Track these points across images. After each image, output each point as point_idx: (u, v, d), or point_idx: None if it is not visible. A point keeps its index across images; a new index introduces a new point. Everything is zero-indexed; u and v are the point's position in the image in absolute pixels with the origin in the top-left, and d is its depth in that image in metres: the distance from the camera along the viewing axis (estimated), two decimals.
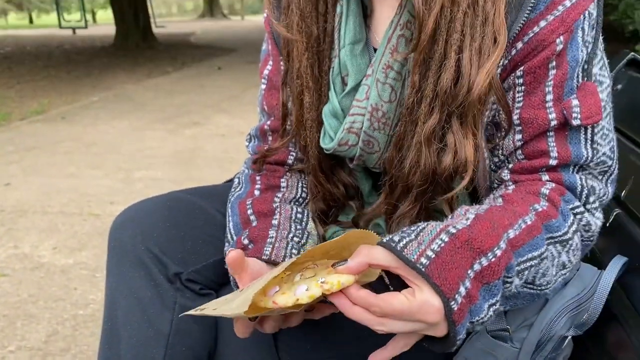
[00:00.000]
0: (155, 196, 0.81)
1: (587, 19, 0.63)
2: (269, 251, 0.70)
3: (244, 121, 4.68)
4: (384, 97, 0.69)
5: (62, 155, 3.76)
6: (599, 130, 0.65)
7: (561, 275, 0.64)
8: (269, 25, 0.81)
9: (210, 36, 15.27)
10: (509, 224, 0.59)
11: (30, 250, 2.33)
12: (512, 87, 0.66)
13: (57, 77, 7.61)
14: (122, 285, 0.72)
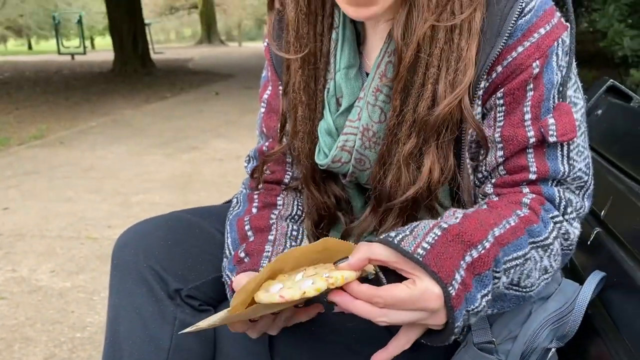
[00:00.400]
0: (157, 216, 0.84)
1: (560, 46, 0.69)
2: (265, 264, 0.73)
3: (242, 145, 4.73)
4: (374, 118, 0.74)
5: (60, 180, 3.79)
6: (575, 148, 0.70)
7: (544, 280, 0.68)
8: (269, 53, 0.86)
9: (208, 62, 15.45)
10: (494, 222, 0.63)
11: (28, 273, 2.35)
12: (494, 107, 0.71)
13: (56, 103, 7.68)
14: (125, 301, 0.75)
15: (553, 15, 0.69)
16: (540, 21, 0.68)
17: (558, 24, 0.69)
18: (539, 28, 0.67)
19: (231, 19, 36.90)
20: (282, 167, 0.88)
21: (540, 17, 0.68)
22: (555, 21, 0.69)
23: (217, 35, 29.22)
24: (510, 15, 0.67)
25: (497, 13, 0.68)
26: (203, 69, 13.17)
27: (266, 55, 0.88)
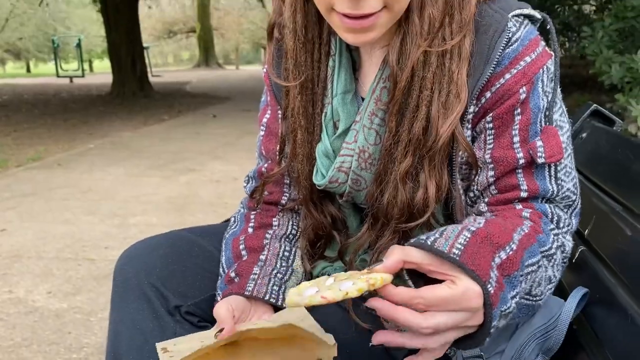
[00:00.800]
0: (158, 234, 0.87)
1: (545, 73, 0.73)
2: (251, 287, 0.77)
3: (239, 167, 4.76)
4: (369, 140, 0.78)
5: (58, 202, 3.81)
6: (562, 168, 0.74)
7: (548, 290, 0.71)
8: (268, 79, 0.90)
9: (206, 85, 15.59)
10: (512, 228, 0.66)
11: (25, 294, 2.35)
12: (484, 131, 0.75)
13: (54, 125, 7.73)
14: (126, 317, 0.78)
15: (538, 44, 0.73)
16: (526, 50, 0.72)
17: (543, 53, 0.73)
18: (525, 56, 0.71)
19: (229, 42, 37.30)
20: (279, 188, 0.92)
21: (526, 46, 0.72)
22: (540, 50, 0.73)
23: (215, 58, 29.52)
24: (498, 44, 0.71)
25: (485, 41, 0.72)
26: (201, 91, 13.28)
27: (265, 80, 0.91)
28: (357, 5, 0.66)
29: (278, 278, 0.80)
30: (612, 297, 0.71)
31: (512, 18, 0.72)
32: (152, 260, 0.81)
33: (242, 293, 0.76)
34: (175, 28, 32.66)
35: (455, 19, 0.71)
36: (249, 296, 0.77)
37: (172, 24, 32.58)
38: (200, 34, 28.05)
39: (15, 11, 31.87)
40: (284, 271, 0.82)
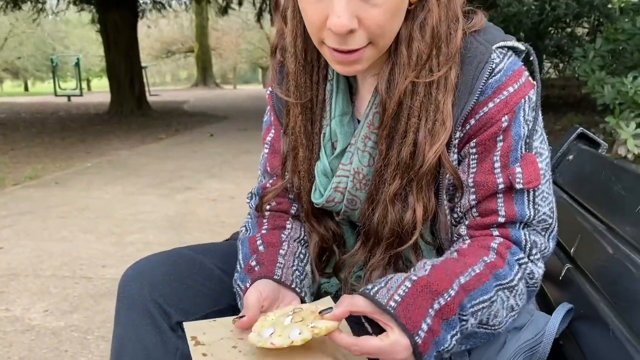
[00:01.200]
0: (161, 252, 0.90)
1: (527, 102, 0.77)
2: (279, 273, 0.82)
3: (236, 186, 4.79)
4: (363, 162, 0.82)
5: (55, 220, 3.82)
6: (540, 194, 0.77)
7: (511, 317, 0.75)
8: (272, 100, 0.95)
9: (203, 104, 15.69)
10: (460, 272, 0.71)
11: (22, 313, 2.36)
12: (467, 155, 0.78)
13: (52, 144, 7.76)
14: (130, 332, 0.80)
15: (521, 75, 0.77)
16: (509, 80, 0.76)
17: (525, 83, 0.77)
18: (508, 86, 0.76)
19: (226, 62, 37.60)
20: (286, 200, 0.95)
21: (510, 76, 0.76)
22: (523, 80, 0.77)
23: (213, 78, 29.72)
24: (482, 74, 0.75)
25: (470, 72, 0.76)
26: (198, 110, 13.36)
27: (269, 101, 0.96)
28: (344, 41, 0.71)
29: (297, 275, 0.85)
30: (596, 312, 0.74)
31: (496, 50, 0.77)
32: (155, 278, 0.84)
33: (272, 277, 0.81)
34: (174, 48, 32.93)
35: (442, 51, 0.75)
36: (278, 280, 0.81)
37: (171, 44, 32.85)
38: (198, 53, 28.29)
39: (15, 30, 32.13)
40: (301, 270, 0.86)
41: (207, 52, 28.61)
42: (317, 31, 0.73)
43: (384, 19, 0.71)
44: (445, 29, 0.76)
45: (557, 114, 8.72)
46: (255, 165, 1.02)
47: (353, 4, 0.69)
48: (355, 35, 0.71)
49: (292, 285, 0.83)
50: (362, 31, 0.71)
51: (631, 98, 4.60)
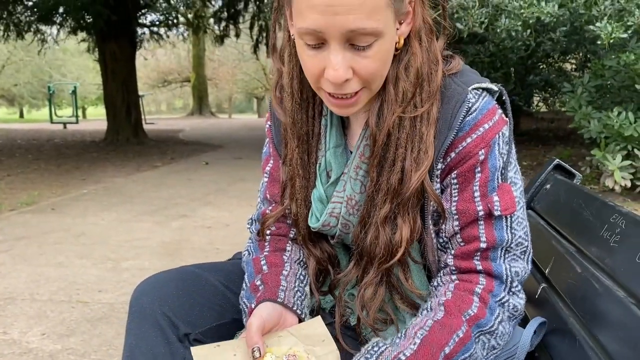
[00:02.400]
0: (170, 269, 0.98)
1: (501, 137, 0.85)
2: (282, 296, 0.89)
3: (230, 214, 4.85)
4: (355, 189, 0.91)
5: (51, 245, 3.85)
6: (515, 219, 0.85)
7: (493, 355, 0.84)
8: (270, 133, 1.04)
9: (199, 133, 15.82)
10: (445, 342, 0.79)
11: (19, 336, 2.39)
12: (449, 185, 0.87)
13: (47, 170, 7.81)
14: (141, 342, 0.87)
15: (495, 113, 0.86)
16: (484, 118, 0.85)
17: (499, 120, 0.86)
18: (483, 123, 0.84)
19: (222, 92, 37.98)
20: (285, 224, 1.03)
21: (485, 114, 0.85)
22: (496, 118, 0.86)
23: (208, 107, 29.97)
24: (459, 112, 0.84)
25: (449, 110, 0.85)
26: (194, 139, 13.47)
27: (268, 134, 1.05)
28: (340, 88, 0.80)
29: (298, 296, 0.92)
30: (566, 326, 0.82)
31: (471, 90, 0.86)
32: (165, 293, 0.91)
33: (275, 300, 0.88)
34: (170, 77, 33.28)
35: (425, 89, 0.85)
36: (281, 303, 0.88)
37: (167, 74, 33.21)
38: (195, 83, 28.60)
39: (12, 58, 32.42)
40: (301, 291, 0.94)
41: (203, 82, 28.92)
42: (315, 80, 0.82)
43: (375, 67, 0.80)
44: (427, 70, 0.85)
45: (547, 146, 8.89)
46: (249, 193, 1.10)
47: (347, 57, 0.77)
48: (350, 83, 0.80)
49: (294, 307, 0.90)
50: (356, 78, 0.80)
51: (617, 131, 4.74)
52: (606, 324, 0.73)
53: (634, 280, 0.72)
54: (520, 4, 3.63)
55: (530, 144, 9.32)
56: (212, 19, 13.98)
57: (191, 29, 14.81)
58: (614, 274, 0.77)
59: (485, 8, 3.75)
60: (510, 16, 3.70)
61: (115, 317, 2.58)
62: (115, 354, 2.21)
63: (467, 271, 0.86)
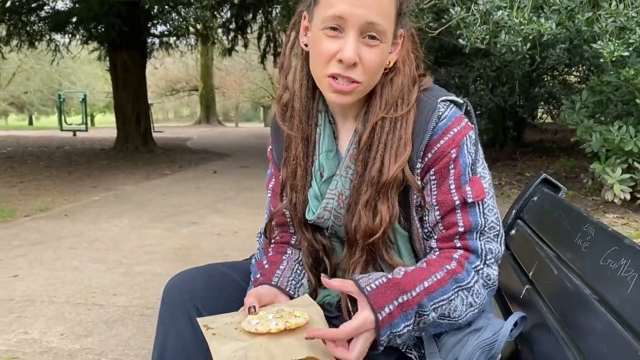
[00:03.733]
0: (198, 267, 1.12)
1: (468, 139, 1.02)
2: (276, 280, 1.06)
3: (238, 221, 4.98)
4: (345, 186, 1.07)
5: (66, 250, 3.99)
6: (486, 207, 1.01)
7: (470, 312, 0.97)
8: (272, 155, 1.20)
9: (206, 141, 16.01)
10: (424, 278, 0.95)
11: (39, 335, 2.51)
12: (429, 182, 1.02)
13: (59, 177, 7.98)
14: (172, 328, 1.00)
15: (462, 120, 1.03)
16: (453, 124, 1.01)
17: (465, 126, 1.02)
18: (452, 128, 1.01)
19: (229, 101, 38.29)
20: (287, 233, 1.19)
21: (453, 121, 1.02)
22: (463, 124, 1.02)
23: (216, 115, 30.24)
24: (431, 119, 1.01)
25: (423, 118, 1.02)
26: (201, 147, 13.66)
27: (269, 156, 1.22)
28: (346, 70, 0.97)
29: (292, 283, 1.08)
30: (544, 322, 0.93)
31: (440, 102, 1.03)
32: (194, 286, 1.05)
33: (269, 282, 1.05)
34: (179, 86, 33.60)
35: (405, 100, 1.03)
36: (275, 285, 1.05)
37: (176, 82, 33.54)
38: (202, 92, 28.88)
39: (23, 66, 32.84)
40: (296, 280, 1.10)
41: (211, 91, 29.21)
42: (326, 62, 0.99)
43: (375, 63, 0.98)
44: (407, 85, 1.04)
45: (550, 158, 8.98)
46: (256, 201, 1.23)
47: (358, 45, 0.96)
48: (354, 70, 0.97)
49: (286, 289, 1.07)
50: (359, 68, 0.97)
51: (617, 145, 4.84)
52: (575, 318, 0.85)
53: (597, 280, 0.83)
54: (520, 21, 3.75)
55: (534, 155, 9.41)
56: (221, 29, 14.19)
57: (200, 38, 15.02)
58: (582, 275, 0.89)
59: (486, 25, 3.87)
60: (510, 32, 3.83)
61: (130, 319, 2.70)
62: (130, 353, 2.33)
63: (448, 249, 1.01)
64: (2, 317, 2.71)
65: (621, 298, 0.73)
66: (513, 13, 3.92)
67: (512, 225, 1.33)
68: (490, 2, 4.01)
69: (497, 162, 8.49)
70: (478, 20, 3.96)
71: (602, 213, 4.94)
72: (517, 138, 10.14)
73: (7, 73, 33.82)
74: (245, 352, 0.86)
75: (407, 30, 1.06)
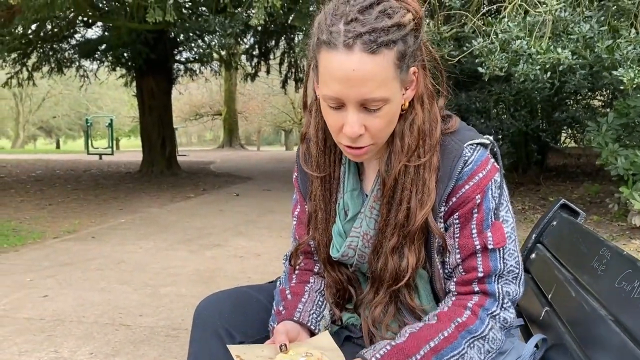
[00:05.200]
0: (227, 289, 1.18)
1: (493, 184, 1.03)
2: (298, 315, 1.08)
3: (261, 244, 5.04)
4: (370, 226, 1.09)
5: (93, 271, 4.09)
6: (507, 251, 1.02)
7: (490, 357, 0.99)
8: (297, 183, 1.23)
9: (229, 165, 16.22)
10: (430, 338, 0.97)
11: (69, 354, 2.58)
12: (452, 225, 1.04)
13: (86, 200, 8.17)
14: (204, 348, 1.06)
15: (488, 163, 1.03)
16: (478, 168, 1.02)
17: (491, 169, 1.03)
18: (478, 173, 1.02)
19: (252, 125, 38.79)
20: (311, 261, 1.22)
21: (479, 165, 1.02)
22: (489, 167, 1.03)
23: (238, 139, 30.63)
24: (457, 165, 1.02)
25: (448, 163, 1.03)
26: (224, 171, 13.84)
27: (295, 184, 1.25)
28: (354, 142, 0.99)
29: (314, 317, 1.11)
30: (562, 342, 0.96)
31: (467, 146, 1.03)
32: (223, 308, 1.11)
33: (291, 317, 1.08)
34: (202, 111, 34.19)
35: (427, 143, 1.03)
36: (297, 321, 1.07)
37: (199, 107, 34.14)
38: (226, 116, 29.34)
39: (52, 91, 33.87)
40: (317, 313, 1.12)
41: (234, 115, 29.65)
42: (335, 134, 1.01)
43: (383, 125, 0.98)
44: (428, 127, 1.04)
45: (574, 182, 8.88)
46: (278, 224, 1.28)
47: (361, 117, 0.95)
48: (362, 137, 0.98)
49: (308, 324, 1.08)
50: (367, 134, 0.97)
51: None
52: (591, 339, 0.88)
53: (612, 302, 0.86)
54: (537, 50, 3.80)
55: (557, 180, 9.32)
56: (244, 55, 14.49)
57: (223, 64, 15.35)
58: (599, 297, 0.92)
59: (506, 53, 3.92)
60: (528, 61, 3.87)
61: (156, 340, 2.76)
62: None
63: (465, 293, 1.03)
64: (33, 336, 2.80)
65: (634, 319, 0.76)
66: (532, 42, 3.97)
67: (532, 249, 1.36)
68: (509, 31, 4.08)
69: (521, 186, 8.44)
70: (497, 48, 4.01)
71: (629, 239, 4.87)
72: (540, 162, 10.07)
73: (37, 98, 34.91)
74: None
75: (419, 64, 1.02)
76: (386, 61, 0.92)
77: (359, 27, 0.90)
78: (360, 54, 0.90)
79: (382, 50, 0.91)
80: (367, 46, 0.90)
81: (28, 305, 3.30)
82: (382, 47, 0.91)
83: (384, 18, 0.91)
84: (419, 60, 1.01)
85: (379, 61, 0.91)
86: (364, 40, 0.90)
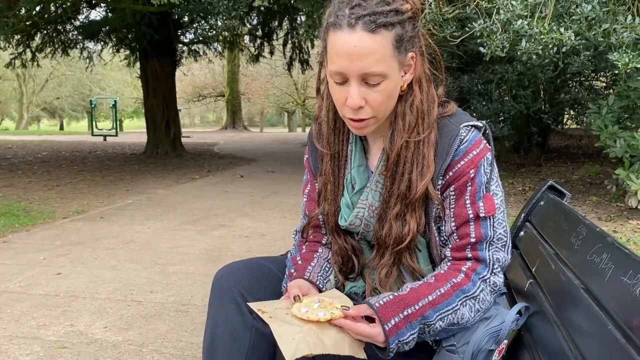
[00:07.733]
0: (242, 260, 1.30)
1: (485, 160, 1.14)
2: (308, 274, 1.22)
3: (265, 224, 5.16)
4: (375, 198, 1.21)
5: (104, 250, 4.22)
6: (496, 220, 1.14)
7: (478, 315, 1.11)
8: (309, 164, 1.35)
9: (232, 146, 16.32)
10: (428, 293, 1.09)
11: (85, 328, 2.72)
12: (448, 196, 1.16)
13: (93, 181, 8.30)
14: (222, 312, 1.16)
15: (481, 143, 1.15)
16: (473, 147, 1.14)
17: (484, 148, 1.15)
18: (472, 151, 1.14)
19: (255, 106, 38.76)
20: (320, 234, 1.35)
21: (473, 144, 1.14)
22: (482, 146, 1.15)
23: (241, 121, 30.66)
24: (454, 143, 1.14)
25: (446, 142, 1.14)
26: (228, 152, 13.95)
27: (306, 165, 1.37)
28: (356, 114, 1.11)
29: (321, 278, 1.24)
30: (544, 311, 1.07)
31: (462, 127, 1.15)
32: (239, 276, 1.22)
33: (302, 276, 1.21)
34: (205, 92, 34.16)
35: (425, 121, 1.15)
36: (307, 279, 1.21)
37: (203, 88, 34.12)
38: (229, 98, 29.34)
39: (55, 72, 33.84)
40: (325, 275, 1.26)
41: (237, 97, 29.65)
42: (340, 107, 1.14)
43: (382, 100, 1.09)
44: (426, 107, 1.16)
45: (575, 164, 8.96)
46: (282, 206, 1.39)
47: (362, 91, 1.07)
48: (363, 110, 1.09)
49: (316, 282, 1.22)
50: (367, 108, 1.09)
51: None
52: (565, 306, 0.98)
53: (585, 272, 0.96)
54: (540, 30, 3.85)
55: (559, 161, 9.40)
56: (247, 36, 14.48)
57: (227, 46, 15.34)
58: (574, 269, 1.02)
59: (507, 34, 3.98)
60: (530, 40, 3.92)
61: (167, 315, 2.89)
62: (169, 345, 2.52)
63: (460, 259, 1.14)
64: (50, 311, 2.93)
65: (600, 286, 0.87)
66: (534, 22, 4.02)
67: (521, 227, 1.46)
68: (511, 11, 4.12)
69: (522, 168, 8.52)
70: (499, 29, 4.06)
71: (626, 219, 4.98)
72: (541, 144, 10.13)
73: (40, 80, 34.90)
74: (304, 336, 1.01)
75: (417, 50, 1.13)
76: (385, 40, 1.04)
77: (361, 10, 1.04)
78: (361, 33, 1.03)
79: (380, 31, 1.04)
80: (367, 26, 1.03)
81: (43, 282, 3.44)
82: (381, 27, 1.04)
83: (384, 4, 1.05)
84: (417, 47, 1.14)
85: (378, 39, 1.04)
86: (365, 21, 1.03)
